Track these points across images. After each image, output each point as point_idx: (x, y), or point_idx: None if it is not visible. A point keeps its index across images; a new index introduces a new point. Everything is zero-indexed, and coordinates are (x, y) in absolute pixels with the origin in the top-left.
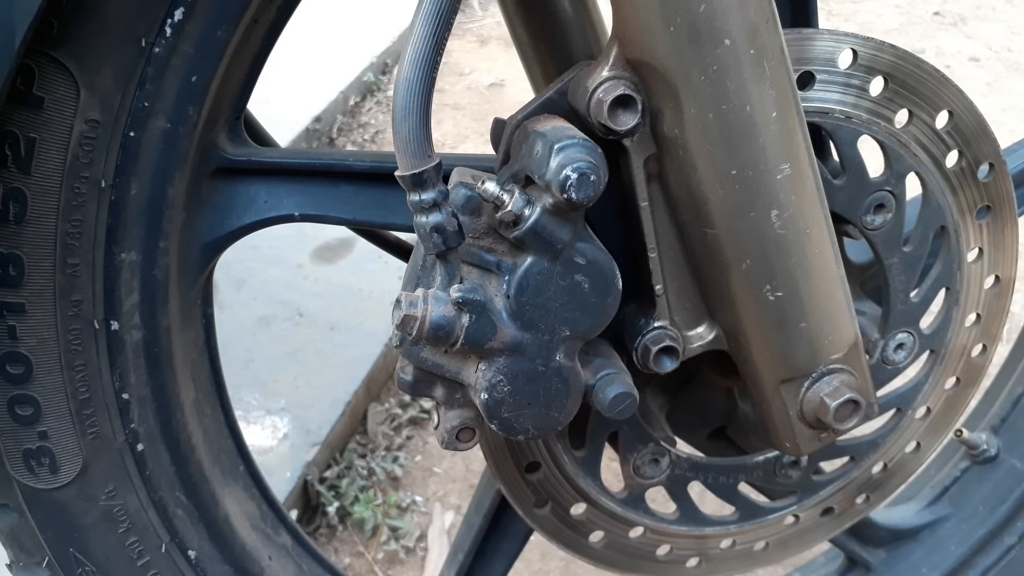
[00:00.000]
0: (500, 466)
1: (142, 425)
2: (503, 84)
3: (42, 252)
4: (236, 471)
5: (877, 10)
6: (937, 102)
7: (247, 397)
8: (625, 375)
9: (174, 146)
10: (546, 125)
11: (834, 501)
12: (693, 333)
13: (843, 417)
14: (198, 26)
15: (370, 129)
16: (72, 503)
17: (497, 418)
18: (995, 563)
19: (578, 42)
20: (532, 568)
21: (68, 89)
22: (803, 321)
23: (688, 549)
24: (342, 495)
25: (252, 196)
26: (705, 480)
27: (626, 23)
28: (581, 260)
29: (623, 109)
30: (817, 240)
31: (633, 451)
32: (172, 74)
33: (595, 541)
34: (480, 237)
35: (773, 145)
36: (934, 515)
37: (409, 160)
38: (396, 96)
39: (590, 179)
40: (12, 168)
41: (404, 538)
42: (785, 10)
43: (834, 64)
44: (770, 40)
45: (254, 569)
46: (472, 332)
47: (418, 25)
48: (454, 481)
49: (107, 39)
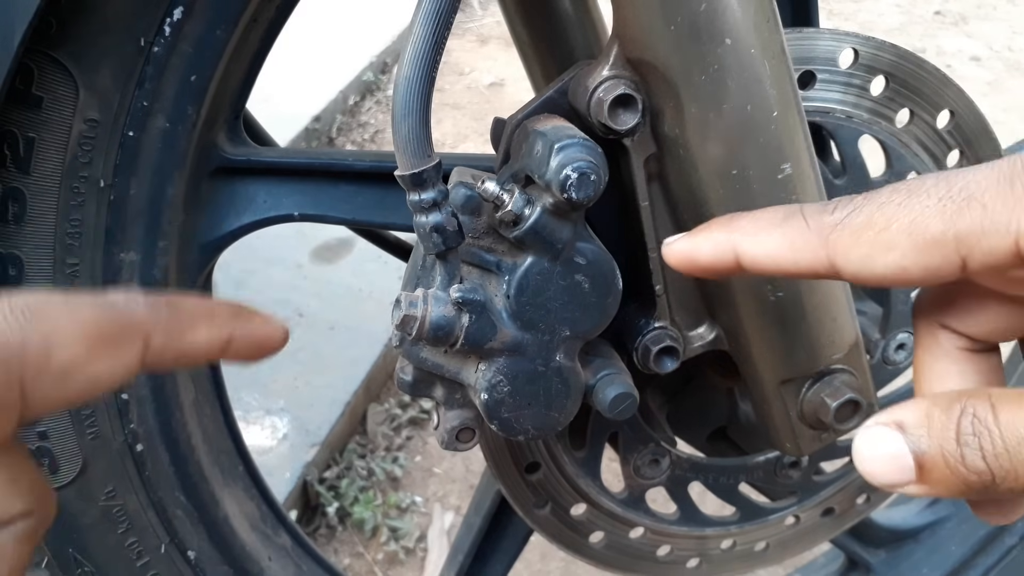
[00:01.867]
0: (500, 466)
1: (141, 426)
2: (503, 84)
3: (41, 252)
4: (235, 471)
5: (878, 9)
6: (938, 102)
7: (246, 397)
8: (625, 375)
9: (173, 146)
10: (546, 124)
11: (835, 501)
12: (693, 333)
13: (844, 417)
14: (197, 25)
15: (370, 128)
16: (71, 503)
17: (497, 418)
18: (996, 563)
19: (578, 42)
20: (532, 569)
21: (67, 88)
22: (803, 321)
23: (688, 549)
24: (342, 495)
25: (251, 196)
26: (705, 481)
27: (626, 22)
28: (581, 260)
29: (623, 108)
30: None
31: (633, 451)
32: (171, 73)
33: (595, 542)
34: (480, 237)
35: (774, 145)
36: (935, 515)
37: (409, 160)
38: (396, 95)
39: (590, 179)
40: (11, 168)
41: (404, 539)
42: (786, 9)
43: (835, 63)
44: (771, 39)
45: (253, 570)
46: (472, 332)
47: (418, 24)
48: (454, 481)
49: (106, 38)
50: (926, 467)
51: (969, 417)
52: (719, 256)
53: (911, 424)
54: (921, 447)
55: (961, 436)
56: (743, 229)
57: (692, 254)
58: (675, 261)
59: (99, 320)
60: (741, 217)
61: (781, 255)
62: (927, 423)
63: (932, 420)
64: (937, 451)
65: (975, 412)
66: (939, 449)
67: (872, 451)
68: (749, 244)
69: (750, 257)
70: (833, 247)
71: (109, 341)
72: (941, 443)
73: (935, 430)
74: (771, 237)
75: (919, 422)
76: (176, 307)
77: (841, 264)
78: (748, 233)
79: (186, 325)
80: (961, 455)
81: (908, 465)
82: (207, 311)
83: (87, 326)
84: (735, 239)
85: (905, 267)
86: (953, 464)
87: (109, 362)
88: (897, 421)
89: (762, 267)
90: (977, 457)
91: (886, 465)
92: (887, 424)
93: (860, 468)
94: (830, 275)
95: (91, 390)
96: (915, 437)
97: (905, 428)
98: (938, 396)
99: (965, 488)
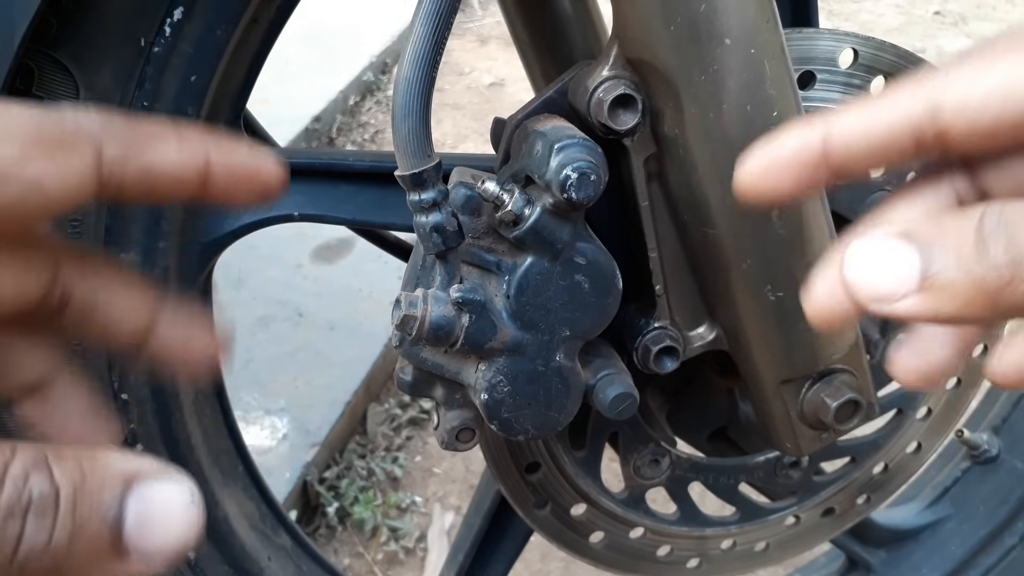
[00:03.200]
0: (500, 466)
1: (141, 426)
2: (503, 84)
3: None
4: (235, 472)
5: (878, 10)
6: None
7: (246, 397)
8: (625, 375)
9: None
10: (546, 125)
11: (835, 502)
12: (693, 333)
13: (844, 417)
14: (197, 26)
15: (370, 129)
16: None
17: (497, 418)
18: (996, 563)
19: (578, 42)
20: (532, 569)
21: (67, 89)
22: (803, 321)
23: (688, 550)
24: (342, 496)
25: None
26: (705, 481)
27: (626, 22)
28: (581, 260)
29: (623, 109)
30: (817, 240)
31: (633, 451)
32: (171, 74)
33: (595, 542)
34: (480, 237)
35: None
36: (935, 515)
37: (409, 160)
38: (396, 95)
39: (590, 179)
40: None
41: (404, 539)
42: (786, 10)
43: (835, 64)
44: (771, 39)
45: (253, 570)
46: (472, 332)
47: (418, 24)
48: (454, 481)
49: (106, 39)
50: (933, 271)
51: (995, 216)
52: (805, 146)
53: (921, 232)
54: (932, 250)
55: (985, 231)
56: (828, 117)
57: (772, 159)
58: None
59: (37, 122)
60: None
61: (874, 117)
62: (940, 229)
63: (946, 225)
64: (952, 253)
65: (1001, 210)
66: (955, 251)
67: (865, 257)
68: (839, 122)
69: (839, 132)
70: (932, 83)
71: (49, 143)
72: (958, 244)
73: (951, 231)
74: (862, 108)
75: (931, 229)
76: (135, 121)
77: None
78: (835, 115)
79: (146, 139)
80: (985, 249)
81: (911, 272)
82: (175, 131)
83: (20, 126)
84: (820, 125)
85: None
86: (970, 263)
87: (49, 165)
88: (902, 231)
89: (853, 139)
90: (1000, 249)
91: (880, 271)
92: (890, 235)
93: (846, 276)
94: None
95: (34, 197)
96: (924, 242)
97: (912, 236)
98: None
99: (972, 297)
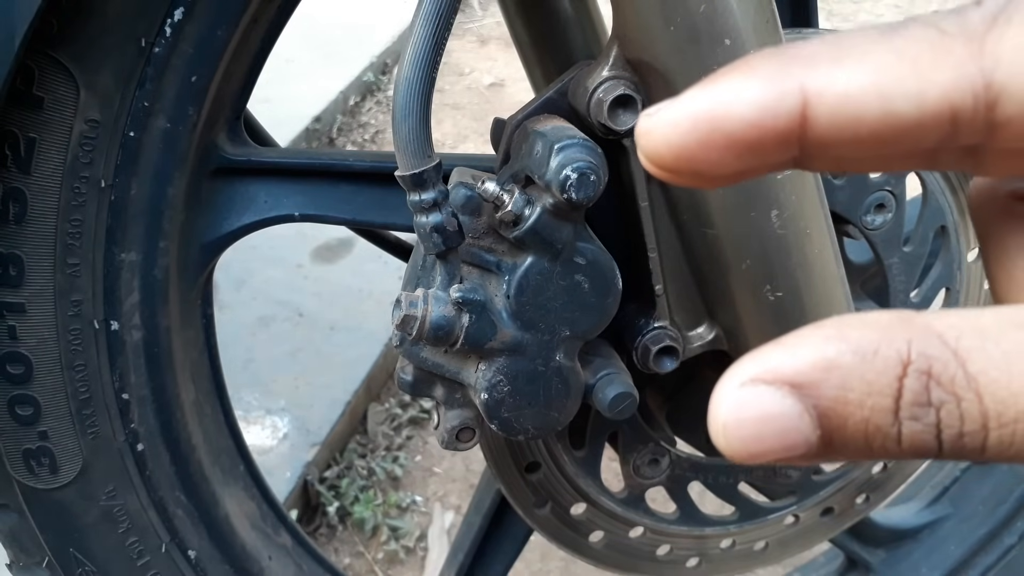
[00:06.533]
0: (500, 466)
1: (142, 425)
2: (503, 84)
3: (42, 252)
4: (236, 471)
5: (877, 10)
6: None
7: (247, 397)
8: (625, 375)
9: (174, 146)
10: (546, 125)
11: (834, 501)
12: (693, 333)
13: None
14: (198, 26)
15: (370, 129)
16: (72, 503)
17: (497, 418)
18: (995, 563)
19: (578, 42)
20: (532, 568)
21: (68, 89)
22: (803, 321)
23: (688, 549)
24: (342, 495)
25: (252, 196)
26: (705, 480)
27: (626, 23)
28: (581, 260)
29: (623, 109)
30: (817, 240)
31: (633, 451)
32: (172, 74)
33: (595, 541)
34: (480, 237)
35: None
36: (934, 515)
37: (409, 160)
38: (396, 96)
39: (590, 179)
40: (12, 168)
41: (404, 538)
42: (785, 10)
43: None
44: (770, 40)
45: (254, 569)
46: (472, 332)
47: (418, 25)
48: (454, 481)
49: (107, 39)
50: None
51: (917, 376)
52: (771, 106)
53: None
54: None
55: (903, 405)
56: (809, 58)
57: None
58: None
59: None
60: (796, 47)
61: (893, 83)
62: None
63: (849, 373)
64: (859, 423)
65: (930, 367)
66: (863, 422)
67: (741, 413)
68: (828, 77)
69: (832, 97)
70: (993, 45)
71: None
72: (869, 412)
73: (856, 390)
74: (869, 59)
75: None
76: None
77: (1001, 73)
78: (821, 62)
79: None
80: (898, 432)
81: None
82: None
83: None
84: (798, 74)
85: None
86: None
87: None
88: (788, 377)
89: (853, 114)
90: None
91: (764, 431)
92: (771, 383)
93: (717, 439)
94: (973, 107)
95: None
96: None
97: (804, 387)
98: (867, 322)
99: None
